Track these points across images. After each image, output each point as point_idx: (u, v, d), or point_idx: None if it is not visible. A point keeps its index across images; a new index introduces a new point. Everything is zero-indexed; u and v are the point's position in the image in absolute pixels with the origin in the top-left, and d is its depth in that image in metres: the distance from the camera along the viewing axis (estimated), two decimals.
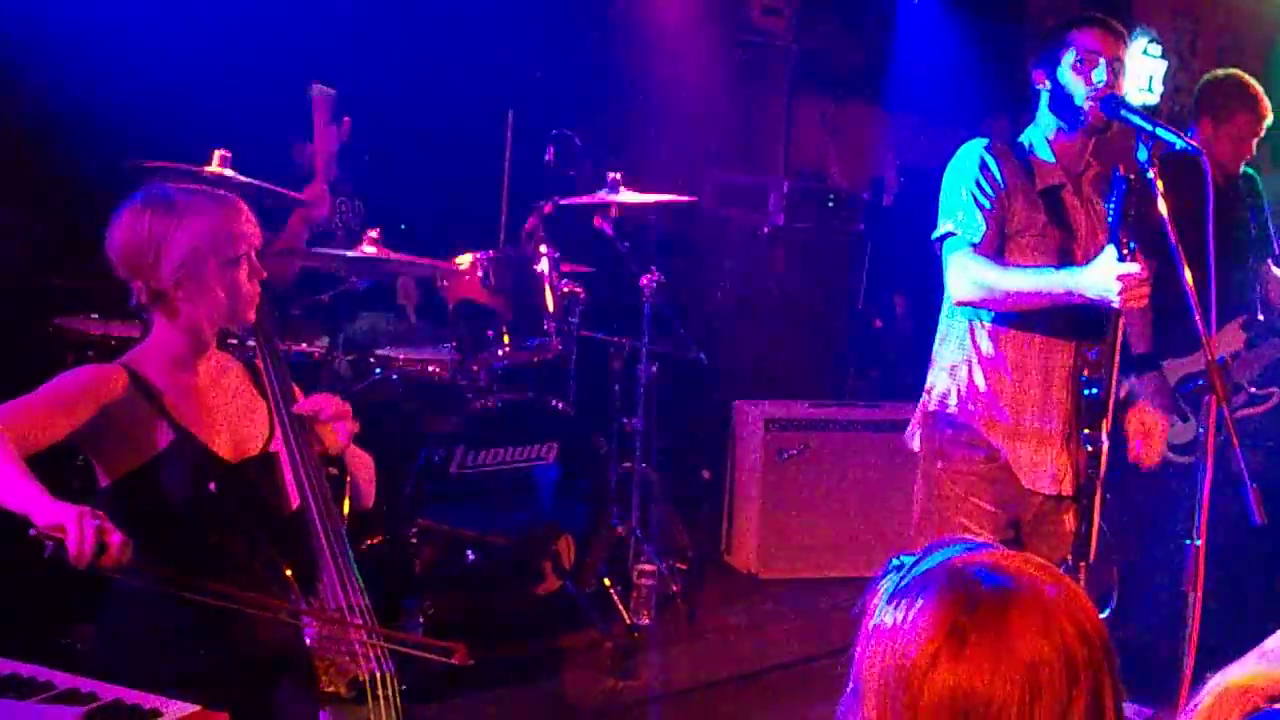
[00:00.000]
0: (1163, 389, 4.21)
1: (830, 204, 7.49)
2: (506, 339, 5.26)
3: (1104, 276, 3.54)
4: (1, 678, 2.46)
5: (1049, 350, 3.86)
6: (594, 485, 5.44)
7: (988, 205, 3.79)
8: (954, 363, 3.94)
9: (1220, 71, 5.41)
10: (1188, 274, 3.46)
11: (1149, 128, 3.59)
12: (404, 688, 3.04)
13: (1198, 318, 3.45)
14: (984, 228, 3.78)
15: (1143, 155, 3.59)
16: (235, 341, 4.03)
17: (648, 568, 5.52)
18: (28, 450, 2.76)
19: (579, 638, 5.25)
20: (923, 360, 4.10)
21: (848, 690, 1.58)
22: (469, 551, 5.05)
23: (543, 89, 6.64)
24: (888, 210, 7.91)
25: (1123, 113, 3.70)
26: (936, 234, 3.87)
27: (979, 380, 3.89)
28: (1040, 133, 3.92)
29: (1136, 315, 3.99)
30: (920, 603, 1.54)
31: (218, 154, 4.39)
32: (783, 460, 6.22)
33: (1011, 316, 3.85)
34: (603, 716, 4.97)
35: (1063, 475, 3.88)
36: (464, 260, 5.32)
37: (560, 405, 5.40)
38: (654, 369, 5.82)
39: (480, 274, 5.26)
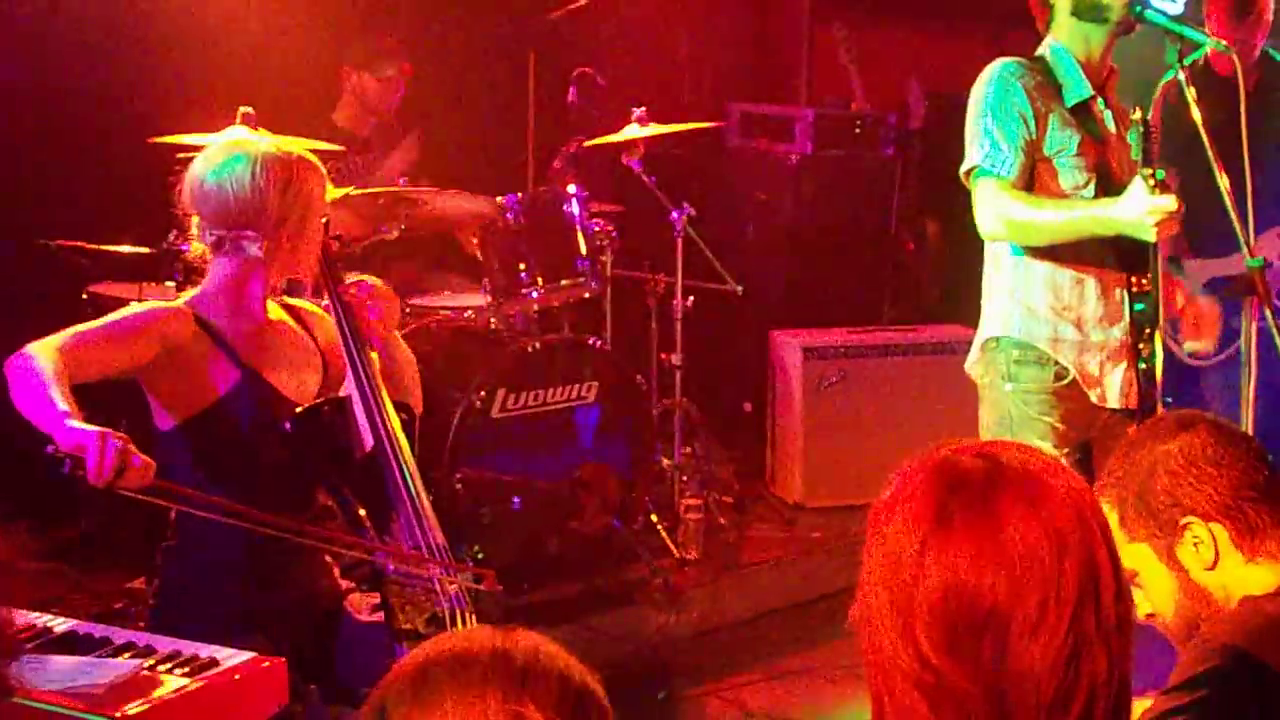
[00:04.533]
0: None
1: (858, 130, 7.42)
2: (540, 281, 5.25)
3: (1137, 210, 3.52)
4: (61, 634, 2.52)
5: (1101, 263, 3.82)
6: (636, 422, 5.44)
7: (1015, 136, 3.72)
8: (1011, 286, 3.86)
9: None
10: (1223, 180, 3.44)
11: (1176, 29, 3.55)
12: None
13: (1235, 221, 3.43)
14: (1013, 160, 3.72)
15: (1171, 57, 3.56)
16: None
17: (694, 502, 5.54)
18: (79, 378, 2.80)
19: (629, 574, 5.29)
20: (956, 282, 4.08)
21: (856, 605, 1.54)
22: (515, 496, 5.07)
23: (563, 29, 6.59)
24: (916, 133, 7.83)
25: (1148, 14, 3.65)
26: (964, 168, 3.83)
27: (1040, 299, 3.82)
28: (1061, 44, 3.85)
29: None
30: (909, 493, 1.51)
31: (240, 111, 4.37)
32: (823, 388, 6.21)
33: None
34: (656, 651, 5.01)
35: (1129, 389, 3.84)
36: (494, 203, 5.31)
37: (598, 344, 5.40)
38: (690, 303, 5.82)
39: (510, 217, 5.25)
